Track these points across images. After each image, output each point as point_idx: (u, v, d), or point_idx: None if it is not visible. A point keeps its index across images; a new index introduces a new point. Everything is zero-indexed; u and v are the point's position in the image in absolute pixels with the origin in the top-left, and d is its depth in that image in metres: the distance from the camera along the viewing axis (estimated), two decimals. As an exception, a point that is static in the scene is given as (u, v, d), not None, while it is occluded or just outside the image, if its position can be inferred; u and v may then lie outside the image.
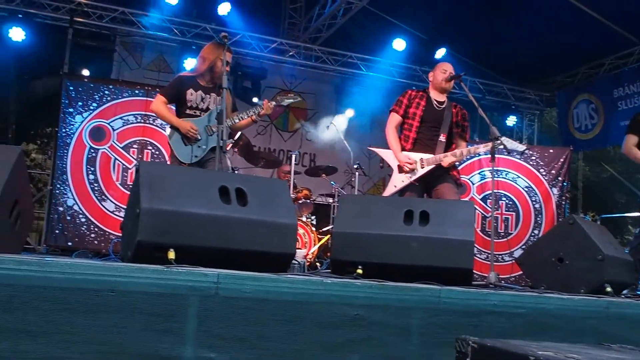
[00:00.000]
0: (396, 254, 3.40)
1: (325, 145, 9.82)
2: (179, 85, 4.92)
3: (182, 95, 4.86)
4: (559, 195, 8.91)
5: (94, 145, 7.68)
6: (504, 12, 8.65)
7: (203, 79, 4.91)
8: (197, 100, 4.87)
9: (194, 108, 4.87)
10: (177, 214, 2.80)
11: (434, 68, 5.21)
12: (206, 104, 4.89)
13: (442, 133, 4.96)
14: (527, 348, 1.73)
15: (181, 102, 4.89)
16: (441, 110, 5.05)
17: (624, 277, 4.11)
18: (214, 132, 4.77)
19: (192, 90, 4.87)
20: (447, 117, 5.02)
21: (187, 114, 4.86)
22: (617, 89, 9.38)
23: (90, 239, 7.50)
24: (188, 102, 4.86)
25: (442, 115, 5.03)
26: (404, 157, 4.90)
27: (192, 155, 4.77)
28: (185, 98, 4.85)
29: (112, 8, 8.52)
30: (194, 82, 4.90)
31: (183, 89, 4.87)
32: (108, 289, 2.20)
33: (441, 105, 5.07)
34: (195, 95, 4.87)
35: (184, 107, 4.88)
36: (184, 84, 4.89)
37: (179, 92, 4.89)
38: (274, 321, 2.42)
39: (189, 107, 4.86)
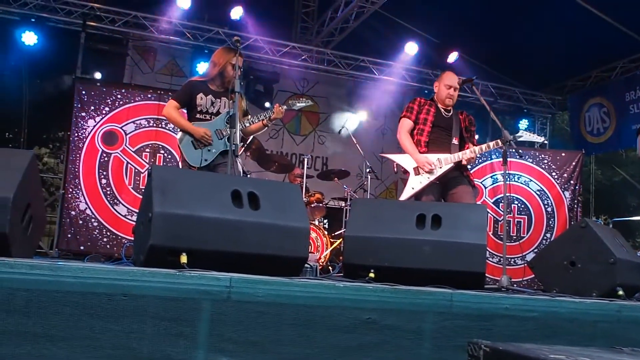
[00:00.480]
0: (408, 257, 3.40)
1: (338, 148, 9.85)
2: (189, 89, 4.94)
3: (193, 100, 4.89)
4: (571, 199, 8.86)
5: (106, 149, 7.71)
6: (516, 16, 8.63)
7: (214, 84, 4.93)
8: (207, 105, 4.89)
9: (204, 112, 4.89)
10: (190, 218, 2.82)
11: (438, 79, 5.25)
12: (216, 108, 4.91)
13: (454, 136, 5.05)
14: (539, 351, 1.72)
15: (191, 107, 4.91)
16: (449, 117, 5.14)
17: (636, 281, 4.08)
18: (224, 136, 4.79)
19: (202, 94, 4.89)
20: (456, 123, 5.11)
21: (197, 118, 4.89)
22: (629, 92, 9.32)
23: (102, 243, 7.53)
24: (198, 106, 4.88)
25: (451, 121, 5.12)
26: (422, 158, 4.92)
27: (201, 159, 4.78)
28: (196, 102, 4.88)
29: (124, 12, 8.56)
30: (204, 86, 4.92)
31: (194, 94, 4.89)
32: (120, 293, 2.21)
33: (448, 113, 5.17)
34: (205, 99, 4.89)
35: (194, 111, 4.90)
36: (195, 89, 4.92)
37: (190, 96, 4.91)
38: (286, 325, 2.42)
39: (199, 111, 4.89)
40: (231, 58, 4.79)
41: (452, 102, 5.16)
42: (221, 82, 4.91)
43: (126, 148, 7.78)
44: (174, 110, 4.90)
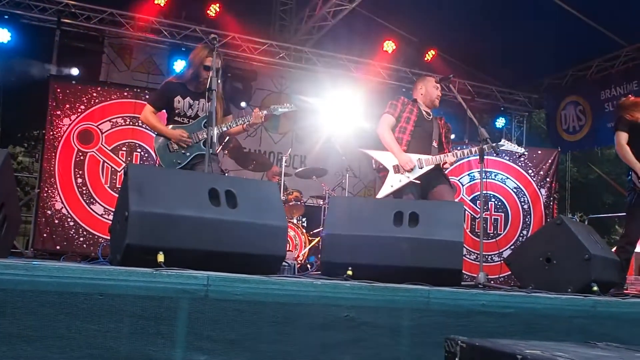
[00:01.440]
0: (386, 255, 3.42)
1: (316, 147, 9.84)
2: (166, 92, 4.86)
3: (170, 103, 4.81)
4: (547, 196, 8.96)
5: (82, 148, 7.63)
6: (494, 15, 8.69)
7: (191, 84, 4.85)
8: (185, 108, 4.80)
9: (181, 115, 4.81)
10: (166, 216, 2.80)
11: (421, 80, 5.27)
12: (195, 111, 4.83)
13: (434, 140, 5.10)
14: (514, 347, 1.74)
15: (169, 109, 4.85)
16: (430, 120, 5.18)
17: (610, 277, 4.15)
18: (200, 140, 4.72)
19: (179, 97, 4.80)
20: (436, 127, 5.16)
21: (175, 121, 4.81)
22: (604, 90, 9.44)
23: (79, 243, 7.46)
24: (176, 109, 4.80)
25: (431, 125, 5.16)
26: (405, 157, 4.91)
27: (175, 161, 4.71)
28: (173, 105, 4.80)
29: (100, 9, 8.46)
30: (182, 88, 4.83)
31: (171, 96, 4.81)
32: (97, 292, 2.19)
33: (429, 116, 5.20)
34: (182, 102, 4.80)
35: (172, 113, 4.83)
36: (172, 91, 4.83)
37: (166, 99, 4.83)
38: (264, 323, 2.42)
39: (177, 114, 4.81)
40: (204, 59, 4.72)
41: (438, 104, 5.21)
42: (197, 84, 4.82)
43: (102, 147, 7.71)
44: (150, 115, 4.84)
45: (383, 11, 9.74)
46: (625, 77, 9.05)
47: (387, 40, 9.70)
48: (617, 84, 9.19)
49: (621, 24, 8.43)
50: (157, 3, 8.61)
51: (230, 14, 9.15)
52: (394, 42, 9.72)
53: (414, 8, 9.18)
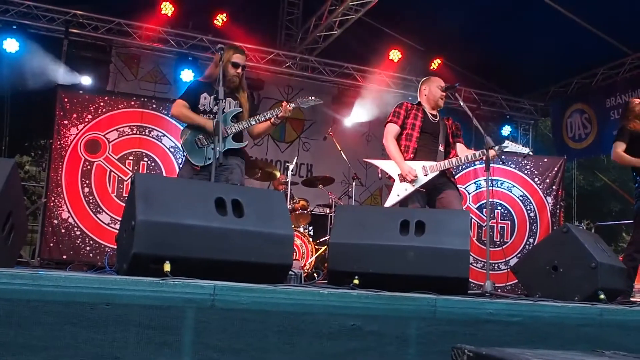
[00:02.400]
0: (392, 264, 3.41)
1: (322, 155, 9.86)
2: (196, 88, 4.90)
3: (197, 99, 4.83)
4: (554, 204, 8.93)
5: (88, 157, 7.66)
6: (499, 23, 8.72)
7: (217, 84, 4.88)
8: (211, 104, 4.81)
9: (207, 112, 4.81)
10: (173, 225, 2.81)
11: (425, 82, 5.25)
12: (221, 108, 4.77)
13: (440, 143, 5.05)
14: (521, 356, 1.74)
15: (195, 106, 4.84)
16: (436, 122, 5.13)
17: (617, 285, 4.13)
18: (229, 135, 4.71)
19: (206, 94, 4.83)
20: (443, 129, 5.11)
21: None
22: (609, 98, 9.44)
23: (85, 252, 7.47)
24: (201, 105, 4.81)
25: (438, 127, 5.10)
26: (407, 167, 4.90)
27: (205, 157, 4.70)
28: (199, 102, 4.82)
29: (107, 19, 8.53)
30: (209, 87, 4.85)
31: (198, 93, 4.85)
32: (103, 302, 2.19)
33: (435, 118, 5.15)
34: (209, 99, 4.82)
35: (197, 111, 4.83)
36: (200, 88, 4.87)
37: (195, 96, 4.85)
38: (271, 332, 2.42)
39: (202, 111, 4.82)
40: (231, 57, 4.77)
41: (443, 103, 5.16)
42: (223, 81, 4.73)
43: (109, 156, 7.73)
44: (183, 108, 4.81)
45: (389, 20, 9.78)
46: (631, 85, 9.05)
47: (393, 49, 9.73)
48: (622, 92, 9.20)
49: (626, 32, 8.44)
50: (164, 13, 8.67)
51: (237, 23, 9.20)
52: (399, 51, 9.75)
53: (420, 17, 9.22)
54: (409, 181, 4.88)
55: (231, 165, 4.73)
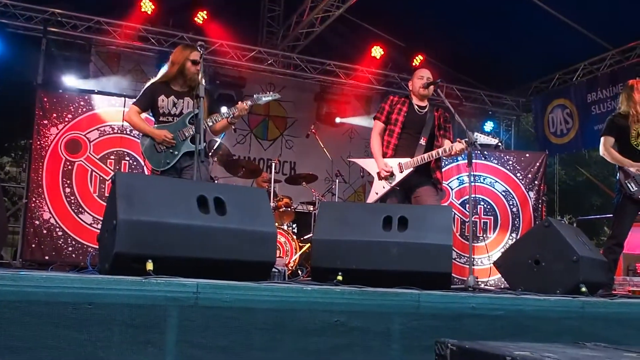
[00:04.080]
0: (376, 259, 3.42)
1: (305, 153, 9.85)
2: (150, 93, 4.83)
3: (155, 103, 4.79)
4: (536, 199, 9.01)
5: (69, 157, 7.60)
6: (481, 20, 8.74)
7: (176, 83, 4.82)
8: (169, 107, 4.77)
9: (166, 114, 4.78)
10: (155, 224, 2.79)
11: (413, 74, 5.27)
12: (179, 109, 4.79)
13: (422, 136, 5.03)
14: (504, 349, 1.75)
15: (154, 110, 4.82)
16: (423, 114, 5.12)
17: (598, 277, 4.17)
18: (187, 137, 4.68)
19: (163, 96, 4.78)
20: (429, 121, 5.09)
21: (160, 121, 4.79)
22: (590, 94, 9.52)
23: (67, 253, 7.41)
24: (160, 108, 4.77)
25: (424, 119, 5.09)
26: (382, 164, 4.94)
27: (163, 161, 4.67)
28: (157, 104, 4.77)
29: (86, 17, 8.44)
30: (166, 88, 4.81)
31: (155, 96, 4.79)
32: (86, 302, 2.18)
33: (423, 109, 5.14)
34: (166, 101, 4.78)
35: (157, 114, 4.81)
36: (155, 91, 4.81)
37: (151, 99, 4.80)
38: (255, 329, 2.42)
39: (162, 113, 4.78)
40: (189, 54, 4.72)
41: (428, 93, 5.13)
42: (183, 81, 4.79)
43: (90, 156, 7.67)
44: (134, 116, 4.79)
45: (370, 17, 9.79)
46: (611, 80, 9.13)
47: (374, 45, 9.75)
48: (603, 87, 9.27)
49: (606, 27, 8.51)
50: (144, 11, 8.60)
51: (218, 21, 9.16)
52: (381, 47, 9.77)
53: (401, 13, 9.23)
54: (383, 177, 4.90)
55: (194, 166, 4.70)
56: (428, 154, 4.91)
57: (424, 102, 5.17)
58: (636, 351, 1.98)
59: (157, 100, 4.79)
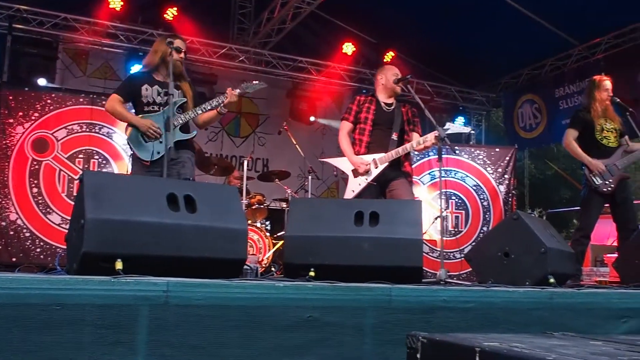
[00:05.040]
0: (348, 255, 3.43)
1: (278, 150, 9.84)
2: (133, 81, 4.73)
3: (137, 91, 4.64)
4: (506, 193, 9.11)
5: (36, 157, 7.48)
6: (451, 16, 8.83)
7: (159, 74, 4.71)
8: (154, 95, 4.65)
9: (151, 104, 4.65)
10: (124, 223, 2.76)
11: (381, 71, 5.28)
12: (164, 99, 4.64)
13: (394, 132, 5.06)
14: (474, 340, 1.77)
15: (137, 99, 4.67)
16: (391, 111, 5.15)
17: (566, 269, 4.24)
18: (176, 126, 4.57)
19: (147, 85, 4.66)
20: (397, 117, 5.12)
21: (145, 110, 4.64)
22: (558, 88, 9.68)
23: (35, 254, 7.30)
24: (144, 97, 4.63)
25: (392, 115, 5.12)
26: (357, 160, 4.96)
27: (153, 151, 4.54)
28: (141, 94, 4.64)
29: (53, 14, 8.30)
30: (148, 77, 4.70)
31: (137, 85, 4.66)
32: (54, 303, 2.15)
33: (390, 107, 5.17)
34: (150, 90, 4.65)
35: (140, 104, 4.66)
36: (138, 80, 4.70)
37: (133, 88, 4.67)
38: (228, 327, 2.41)
39: (146, 103, 4.64)
40: (173, 42, 4.63)
41: (399, 89, 5.15)
42: (166, 71, 4.64)
43: (58, 155, 7.56)
44: (117, 104, 4.62)
45: (341, 13, 9.80)
46: (578, 75, 9.29)
47: (346, 42, 9.77)
48: (570, 82, 9.44)
49: (572, 23, 8.65)
50: (113, 7, 8.50)
51: (188, 17, 9.10)
52: (353, 44, 9.80)
53: (372, 10, 9.26)
54: (361, 174, 4.92)
55: (182, 159, 4.63)
56: (402, 148, 4.94)
57: (390, 99, 5.20)
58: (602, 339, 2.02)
59: (141, 89, 4.65)
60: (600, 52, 8.94)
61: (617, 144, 5.49)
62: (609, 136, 5.48)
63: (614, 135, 5.50)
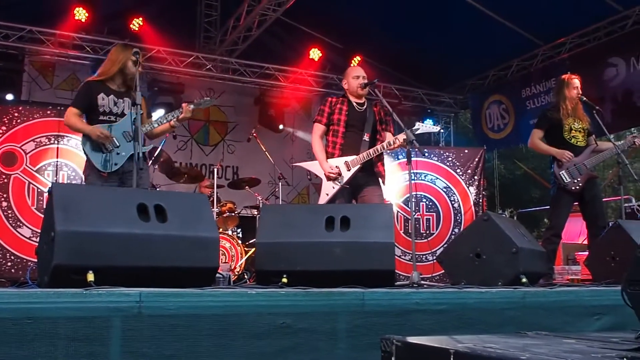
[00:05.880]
0: (320, 260, 3.43)
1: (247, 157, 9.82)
2: (88, 91, 4.62)
3: (93, 101, 4.56)
4: (476, 194, 9.20)
5: (5, 170, 7.38)
6: (417, 20, 8.91)
7: (114, 83, 4.65)
8: (110, 105, 4.59)
9: (107, 113, 4.58)
10: (94, 234, 2.74)
11: (345, 75, 5.31)
12: (120, 109, 4.60)
13: (365, 133, 5.08)
14: (448, 342, 1.79)
15: (92, 109, 4.57)
16: (363, 111, 5.17)
17: (538, 268, 4.28)
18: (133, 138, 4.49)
19: (103, 94, 4.58)
20: (369, 117, 5.14)
21: (100, 120, 4.56)
22: (524, 89, 9.81)
23: (6, 268, 7.20)
24: (100, 107, 4.56)
25: (365, 115, 5.14)
26: (327, 167, 4.97)
27: (111, 163, 4.48)
28: (97, 103, 4.56)
29: (18, 27, 8.20)
30: (103, 86, 4.62)
31: (93, 95, 4.57)
32: (25, 316, 2.13)
33: (362, 106, 5.19)
34: (107, 100, 4.59)
35: (95, 113, 4.57)
36: (94, 89, 4.60)
37: (89, 98, 4.58)
38: (201, 336, 2.40)
39: (102, 112, 4.56)
40: (130, 54, 4.55)
41: (365, 92, 5.17)
42: (123, 81, 4.63)
43: (27, 168, 7.47)
44: (73, 117, 4.54)
45: (307, 19, 9.84)
46: (544, 75, 9.44)
47: (312, 48, 9.81)
48: (537, 82, 9.58)
49: (536, 24, 8.80)
50: (78, 19, 8.44)
51: (154, 27, 9.05)
52: (319, 49, 9.84)
53: (338, 15, 9.32)
54: (333, 179, 4.94)
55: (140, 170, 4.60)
56: (373, 149, 4.97)
57: (361, 99, 5.22)
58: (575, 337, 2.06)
59: (97, 98, 4.57)
60: (565, 52, 9.11)
61: (585, 143, 5.55)
62: (577, 135, 5.54)
63: (582, 134, 5.56)
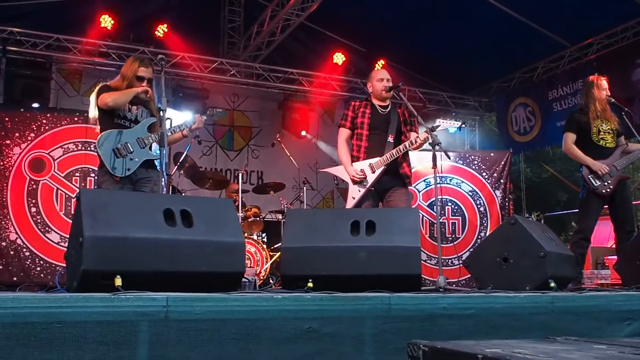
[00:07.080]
0: (345, 264, 3.42)
1: (272, 162, 9.85)
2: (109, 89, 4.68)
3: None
4: (502, 197, 9.12)
5: (34, 176, 7.51)
6: (441, 22, 8.85)
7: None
8: (125, 111, 4.67)
9: (122, 117, 4.66)
10: (122, 239, 2.76)
11: (369, 78, 5.30)
12: (134, 115, 4.70)
13: (390, 134, 5.07)
14: (476, 347, 1.76)
15: (109, 111, 4.62)
16: (387, 113, 5.17)
17: (566, 272, 4.22)
18: (146, 145, 4.61)
19: None
20: (393, 119, 5.13)
21: (117, 123, 4.63)
22: (551, 91, 9.68)
23: (36, 273, 7.31)
24: (116, 110, 4.63)
25: (388, 117, 5.14)
26: (352, 170, 4.98)
27: (124, 168, 4.52)
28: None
29: (46, 35, 8.34)
30: None
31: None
32: (55, 321, 2.15)
33: (385, 109, 5.19)
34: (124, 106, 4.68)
35: (112, 116, 4.64)
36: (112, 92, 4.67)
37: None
38: (227, 340, 2.41)
39: (117, 115, 4.64)
40: (136, 70, 4.64)
41: (390, 95, 5.16)
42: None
43: (55, 174, 7.58)
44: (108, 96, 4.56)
45: (330, 23, 9.84)
46: (571, 77, 9.30)
47: (336, 52, 9.79)
48: (563, 84, 9.45)
49: (563, 25, 8.67)
50: (104, 26, 8.54)
51: (178, 33, 9.13)
52: (343, 54, 9.82)
53: (361, 19, 9.30)
54: (358, 182, 4.94)
55: (153, 178, 4.66)
56: (396, 149, 4.96)
57: (385, 102, 5.21)
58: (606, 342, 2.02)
59: None
60: (593, 53, 8.96)
61: (614, 144, 5.44)
62: (605, 137, 5.43)
63: (611, 135, 5.45)
